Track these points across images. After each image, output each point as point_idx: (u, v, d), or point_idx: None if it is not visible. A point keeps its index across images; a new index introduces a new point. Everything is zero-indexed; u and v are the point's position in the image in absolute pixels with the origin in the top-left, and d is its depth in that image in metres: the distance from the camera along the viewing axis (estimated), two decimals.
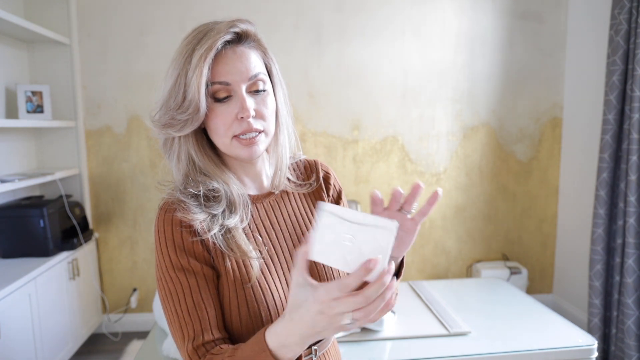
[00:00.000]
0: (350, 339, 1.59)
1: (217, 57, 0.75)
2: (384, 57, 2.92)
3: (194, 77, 0.72)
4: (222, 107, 0.76)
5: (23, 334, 2.04)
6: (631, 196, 2.21)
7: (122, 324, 2.96)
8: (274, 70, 0.83)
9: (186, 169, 0.81)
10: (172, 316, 0.74)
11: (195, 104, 0.73)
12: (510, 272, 2.96)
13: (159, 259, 0.76)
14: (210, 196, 0.78)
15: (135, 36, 2.77)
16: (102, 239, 2.91)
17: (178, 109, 0.75)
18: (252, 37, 0.79)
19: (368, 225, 0.58)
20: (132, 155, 2.85)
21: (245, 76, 0.76)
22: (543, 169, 3.12)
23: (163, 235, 0.75)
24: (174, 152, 0.81)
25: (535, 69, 3.03)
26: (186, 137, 0.79)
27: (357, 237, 0.58)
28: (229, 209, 0.78)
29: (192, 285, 0.73)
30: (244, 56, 0.76)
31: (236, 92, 0.75)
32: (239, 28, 0.76)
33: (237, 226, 0.77)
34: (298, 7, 2.83)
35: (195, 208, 0.76)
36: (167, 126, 0.77)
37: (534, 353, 1.52)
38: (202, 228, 0.75)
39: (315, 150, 2.95)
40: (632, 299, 2.21)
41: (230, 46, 0.76)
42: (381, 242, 0.58)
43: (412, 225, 0.73)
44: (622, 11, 2.24)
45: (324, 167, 0.95)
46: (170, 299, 0.74)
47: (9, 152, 2.47)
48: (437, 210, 3.08)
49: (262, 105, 0.78)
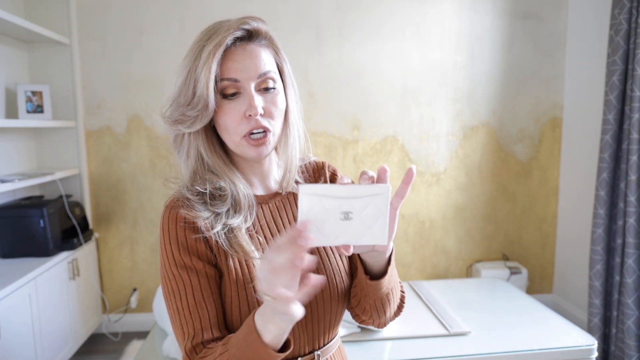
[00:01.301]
0: (350, 339, 1.59)
1: (227, 54, 0.75)
2: (384, 57, 2.92)
3: (202, 72, 0.72)
4: (230, 104, 0.75)
5: (23, 334, 2.04)
6: (631, 196, 2.21)
7: (122, 324, 2.96)
8: (286, 70, 0.82)
9: (194, 166, 0.81)
10: (174, 314, 0.74)
11: (204, 99, 0.73)
12: (510, 272, 2.96)
13: (162, 255, 0.76)
14: (216, 195, 0.78)
15: (135, 36, 2.77)
16: (102, 239, 2.91)
17: (188, 105, 0.75)
18: (263, 35, 0.79)
19: (362, 196, 0.58)
20: (132, 155, 2.85)
21: (255, 74, 0.75)
22: (543, 169, 3.12)
23: (167, 232, 0.75)
24: (183, 149, 0.81)
25: (535, 69, 3.03)
26: (196, 134, 0.79)
27: (356, 211, 0.58)
28: (233, 209, 0.78)
29: (193, 283, 0.74)
30: (254, 54, 0.76)
31: (245, 89, 0.75)
32: (249, 25, 0.76)
33: (240, 226, 0.77)
34: (298, 7, 2.83)
35: (200, 206, 0.76)
36: (178, 122, 0.77)
37: (534, 353, 1.52)
38: (205, 225, 0.75)
39: (315, 150, 2.95)
40: (632, 299, 2.21)
41: (240, 43, 0.76)
42: (380, 207, 0.58)
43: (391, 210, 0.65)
44: (622, 11, 2.24)
45: (330, 168, 0.94)
46: (172, 297, 0.74)
47: (9, 152, 2.47)
48: (437, 210, 3.09)
49: (271, 104, 0.77)
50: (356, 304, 0.83)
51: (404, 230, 3.08)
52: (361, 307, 0.82)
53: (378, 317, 0.83)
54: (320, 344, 0.83)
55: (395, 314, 0.87)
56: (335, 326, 0.85)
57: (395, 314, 0.87)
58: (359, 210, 0.58)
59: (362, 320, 0.86)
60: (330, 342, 0.85)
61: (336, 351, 0.88)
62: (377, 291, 0.77)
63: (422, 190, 3.06)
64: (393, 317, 0.87)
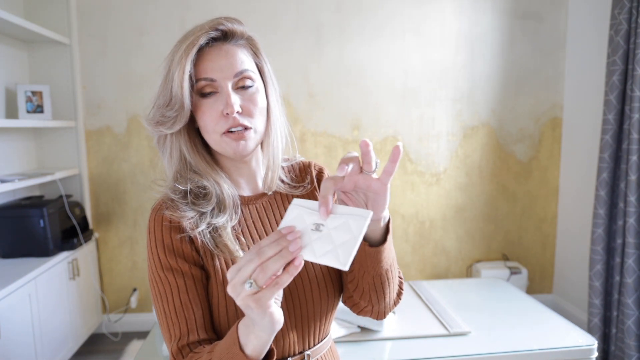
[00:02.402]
0: (350, 339, 1.59)
1: (203, 54, 0.76)
2: (384, 57, 2.92)
3: (176, 73, 0.74)
4: (208, 103, 0.76)
5: (23, 334, 2.04)
6: (631, 196, 2.21)
7: (122, 324, 2.96)
8: (266, 69, 0.82)
9: (178, 166, 0.81)
10: (161, 316, 0.74)
11: (180, 100, 0.74)
12: (510, 272, 2.96)
13: (149, 259, 0.77)
14: (200, 194, 0.79)
15: (135, 36, 2.77)
16: (102, 239, 2.91)
17: (167, 106, 0.76)
18: (239, 35, 0.79)
19: (341, 214, 0.57)
20: (132, 155, 2.86)
21: (231, 73, 0.76)
22: (543, 169, 3.12)
23: (153, 235, 0.76)
24: (166, 149, 0.81)
25: (535, 69, 3.03)
26: (178, 135, 0.80)
27: (327, 225, 0.57)
28: (218, 208, 0.78)
29: (179, 285, 0.74)
30: (229, 53, 0.77)
31: (222, 88, 0.76)
32: (224, 26, 0.77)
33: (225, 225, 0.77)
34: (298, 7, 2.83)
35: (184, 206, 0.76)
36: (159, 124, 0.78)
37: (534, 353, 1.51)
38: (190, 225, 0.75)
39: (315, 150, 2.95)
40: (632, 299, 2.21)
41: (216, 44, 0.77)
42: (353, 229, 0.57)
43: (380, 186, 0.63)
44: (622, 11, 2.24)
45: (317, 166, 0.94)
46: (159, 299, 0.74)
47: (9, 152, 2.47)
48: (437, 210, 3.09)
49: (249, 102, 0.77)
50: (354, 288, 0.80)
51: (404, 230, 3.08)
52: (360, 291, 0.79)
53: (377, 302, 0.80)
54: (311, 344, 0.82)
55: (394, 301, 0.84)
56: (325, 324, 0.84)
57: (395, 302, 0.84)
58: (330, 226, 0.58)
59: (361, 309, 0.83)
60: (321, 342, 0.84)
61: (327, 352, 0.87)
62: (376, 264, 0.73)
63: (422, 190, 3.06)
64: (393, 305, 0.84)
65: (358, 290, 0.80)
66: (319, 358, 0.84)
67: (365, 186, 0.64)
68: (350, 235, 0.56)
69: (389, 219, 0.71)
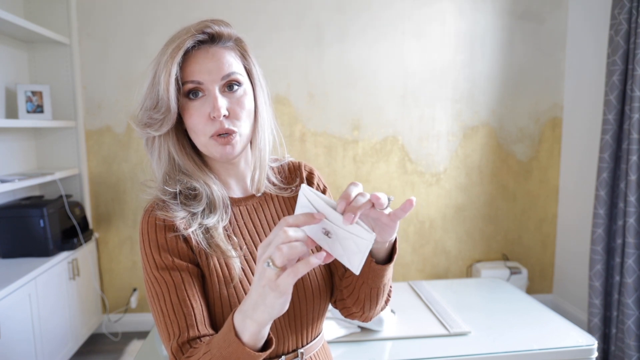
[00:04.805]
0: (350, 339, 1.59)
1: (190, 57, 0.76)
2: (384, 57, 2.92)
3: (162, 75, 0.74)
4: (196, 106, 0.76)
5: (23, 334, 2.04)
6: (631, 196, 2.21)
7: (122, 324, 2.96)
8: (254, 72, 0.82)
9: (166, 168, 0.81)
10: (158, 316, 0.74)
11: (166, 102, 0.74)
12: (510, 272, 2.96)
13: (144, 261, 0.76)
14: (189, 195, 0.79)
15: (135, 36, 2.77)
16: (102, 239, 2.91)
17: (154, 108, 0.76)
18: (226, 38, 0.79)
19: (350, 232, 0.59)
20: (132, 155, 2.86)
21: (218, 75, 0.76)
22: (543, 168, 3.12)
23: (147, 237, 0.76)
24: (155, 151, 0.82)
25: (535, 69, 3.03)
26: (166, 136, 0.80)
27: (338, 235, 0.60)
28: (208, 209, 0.79)
29: (176, 282, 0.73)
30: (216, 56, 0.77)
31: (209, 91, 0.76)
32: (211, 29, 0.76)
33: (216, 225, 0.78)
34: (298, 7, 2.83)
35: (175, 207, 0.76)
36: (147, 126, 0.78)
37: (534, 353, 1.51)
38: (183, 224, 0.76)
39: (315, 150, 2.95)
40: (632, 299, 2.21)
41: (203, 46, 0.77)
42: (361, 247, 0.59)
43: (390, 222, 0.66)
44: (622, 11, 2.24)
45: (307, 167, 0.95)
46: (156, 299, 0.74)
47: (9, 152, 2.47)
48: (437, 210, 3.09)
49: (236, 105, 0.77)
50: (348, 295, 0.83)
51: (404, 230, 3.08)
52: (354, 297, 0.82)
53: (369, 310, 0.83)
54: (304, 342, 0.84)
55: (382, 307, 0.87)
56: (318, 323, 0.85)
57: (383, 307, 0.87)
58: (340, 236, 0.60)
59: (351, 314, 0.86)
60: (314, 340, 0.86)
61: (320, 349, 0.88)
62: (378, 278, 0.76)
63: (422, 190, 3.06)
64: (380, 310, 0.87)
65: (352, 297, 0.82)
66: (312, 355, 0.85)
67: (376, 217, 0.66)
68: (357, 250, 0.60)
69: (395, 238, 0.73)
